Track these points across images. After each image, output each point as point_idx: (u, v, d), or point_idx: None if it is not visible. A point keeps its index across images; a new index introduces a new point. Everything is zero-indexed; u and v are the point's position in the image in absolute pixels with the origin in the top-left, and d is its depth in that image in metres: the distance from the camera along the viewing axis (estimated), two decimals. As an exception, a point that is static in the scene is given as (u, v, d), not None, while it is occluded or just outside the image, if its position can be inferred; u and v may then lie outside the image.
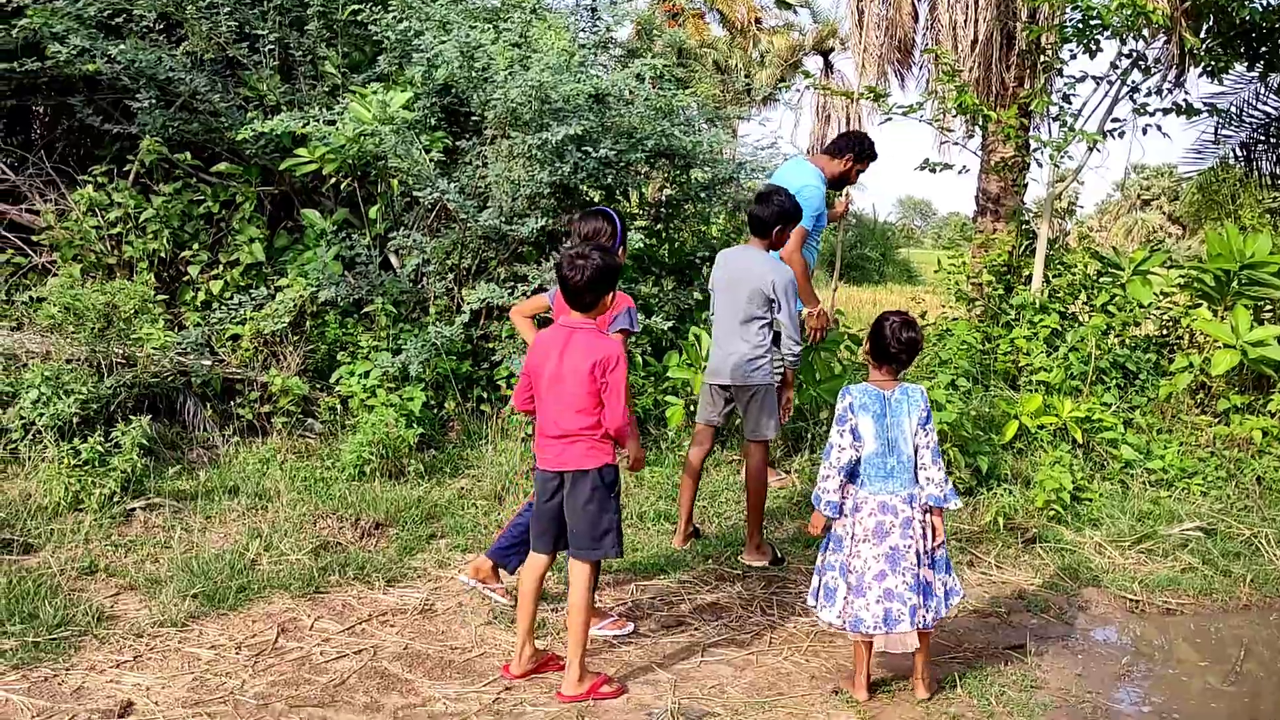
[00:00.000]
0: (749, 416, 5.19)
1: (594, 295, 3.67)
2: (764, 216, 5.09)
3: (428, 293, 7.11)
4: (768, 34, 35.67)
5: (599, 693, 3.75)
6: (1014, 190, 8.71)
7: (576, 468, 3.71)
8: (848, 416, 3.80)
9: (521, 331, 4.57)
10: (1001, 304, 8.21)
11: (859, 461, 3.80)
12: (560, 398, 3.69)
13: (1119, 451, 6.87)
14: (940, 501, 3.81)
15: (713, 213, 7.64)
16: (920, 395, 3.86)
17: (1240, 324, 7.51)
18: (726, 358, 5.12)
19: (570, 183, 6.41)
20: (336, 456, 5.99)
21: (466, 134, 7.22)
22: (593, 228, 4.27)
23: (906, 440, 3.79)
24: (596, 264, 3.62)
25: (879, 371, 3.87)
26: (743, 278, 5.08)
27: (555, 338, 3.74)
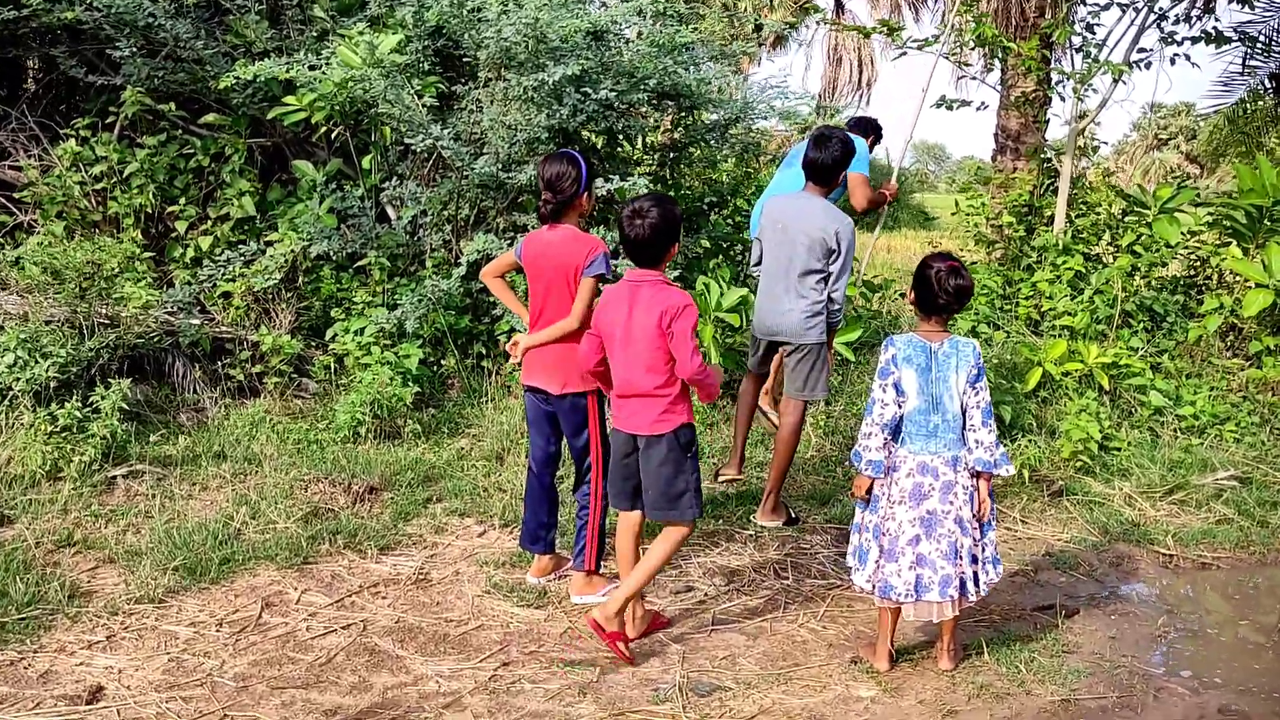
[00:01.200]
0: (796, 374, 4.91)
1: (658, 248, 3.59)
2: (826, 161, 4.76)
3: (424, 245, 6.83)
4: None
5: (617, 640, 3.62)
6: (1035, 126, 8.32)
7: (650, 432, 3.61)
8: (890, 369, 3.52)
9: (497, 294, 4.30)
10: (1023, 246, 7.87)
11: (901, 418, 3.53)
12: (632, 356, 3.59)
13: (1147, 398, 6.58)
14: (989, 467, 3.53)
15: (720, 156, 7.28)
16: (972, 350, 3.56)
17: (1273, 262, 7.17)
18: (780, 314, 4.83)
19: (570, 126, 6.08)
20: (330, 417, 5.75)
21: (461, 78, 6.89)
22: (554, 172, 3.95)
23: (953, 397, 3.50)
24: (656, 216, 3.53)
25: (926, 323, 3.58)
26: (801, 227, 4.75)
27: (622, 294, 3.62)
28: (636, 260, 3.64)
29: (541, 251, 4.02)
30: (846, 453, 5.81)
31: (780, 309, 4.81)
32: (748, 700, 3.42)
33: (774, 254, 4.85)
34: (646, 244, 3.56)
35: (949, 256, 3.59)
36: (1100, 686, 3.67)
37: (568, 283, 3.96)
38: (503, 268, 4.24)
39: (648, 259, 3.61)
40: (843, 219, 4.79)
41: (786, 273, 4.80)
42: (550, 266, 3.98)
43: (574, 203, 3.98)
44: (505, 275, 4.29)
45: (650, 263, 3.62)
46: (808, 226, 4.73)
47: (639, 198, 3.65)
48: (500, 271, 4.25)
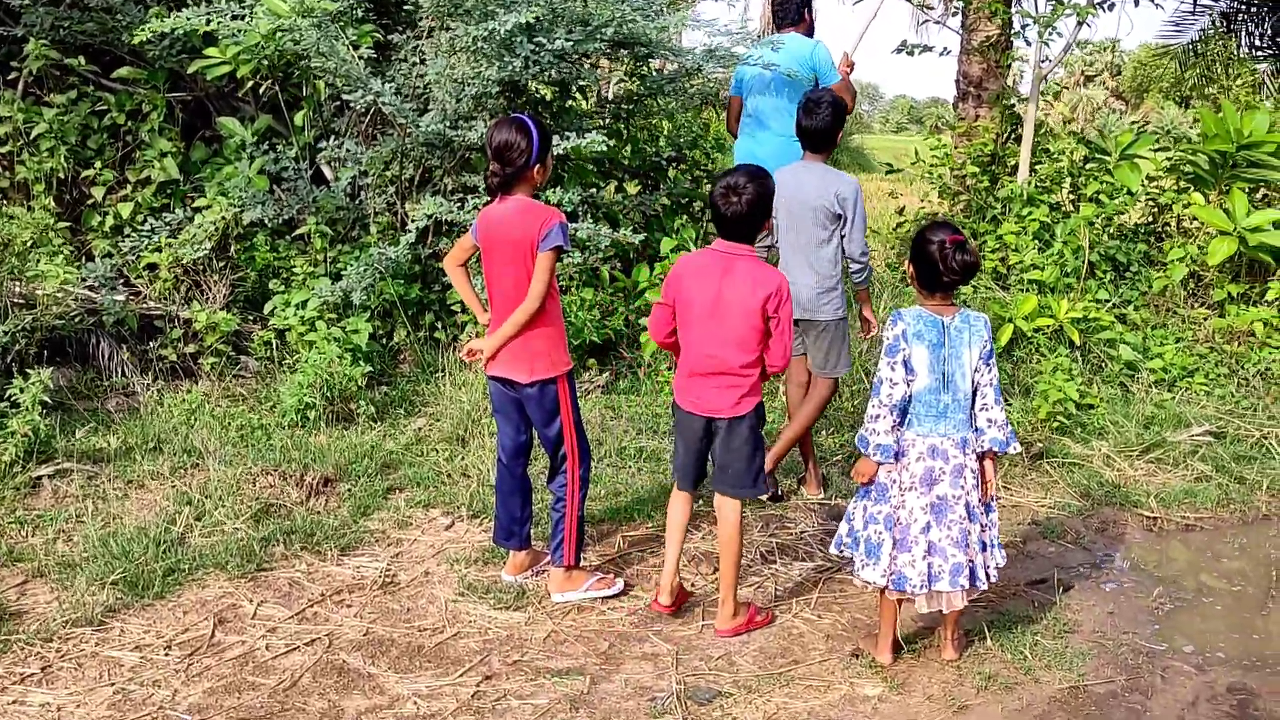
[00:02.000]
0: (816, 351, 4.71)
1: (752, 224, 3.48)
2: (822, 128, 4.51)
3: (367, 209, 6.40)
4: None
5: (755, 622, 3.67)
6: (997, 72, 8.10)
7: (732, 415, 3.53)
8: (900, 346, 3.27)
9: (458, 287, 3.95)
10: (987, 197, 7.68)
11: (909, 399, 3.29)
12: (719, 331, 3.46)
13: (1118, 352, 6.48)
14: (1003, 446, 3.33)
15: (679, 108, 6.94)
16: (984, 324, 3.33)
17: (1238, 209, 7.09)
18: (795, 288, 4.57)
19: (522, 79, 5.68)
20: (275, 400, 5.38)
21: (399, 26, 6.43)
22: (502, 141, 3.58)
23: (965, 376, 3.28)
24: (752, 193, 3.42)
25: (931, 299, 3.33)
26: (805, 198, 4.51)
27: (712, 264, 3.49)
28: (730, 235, 3.50)
29: (492, 227, 3.69)
30: (832, 428, 5.61)
31: (799, 284, 4.52)
32: (751, 706, 3.21)
33: (784, 229, 4.60)
34: (743, 220, 3.45)
35: (950, 227, 3.34)
36: (1107, 669, 3.54)
37: (524, 260, 3.63)
38: (464, 254, 3.89)
39: (742, 234, 3.49)
40: (845, 179, 4.58)
41: (797, 247, 4.58)
42: (504, 243, 3.65)
43: (524, 174, 3.64)
44: (467, 262, 3.93)
45: (745, 238, 3.50)
46: (811, 196, 4.50)
47: (731, 172, 3.53)
48: (462, 259, 3.89)
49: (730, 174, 3.50)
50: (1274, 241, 6.92)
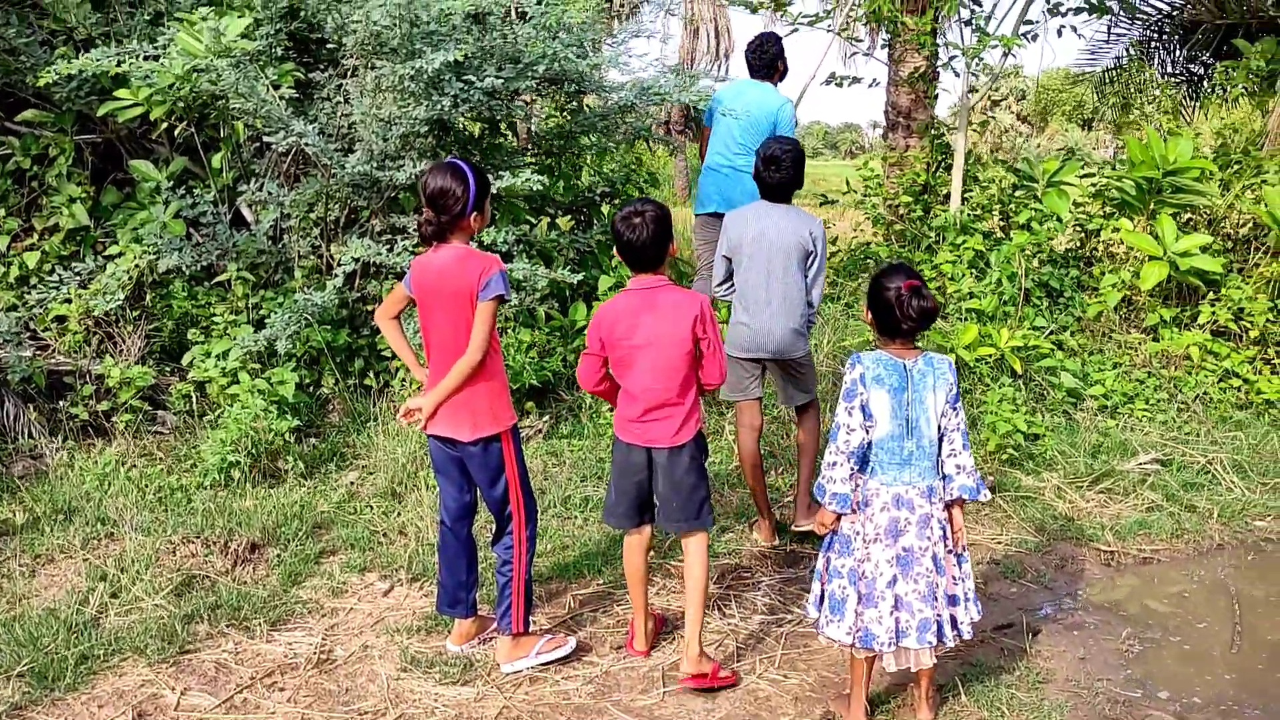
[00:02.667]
0: (791, 386, 4.65)
1: (658, 249, 3.47)
2: (786, 181, 4.44)
3: (291, 252, 6.13)
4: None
5: (718, 678, 3.53)
6: (925, 103, 8.12)
7: (674, 444, 3.50)
8: (857, 390, 3.13)
9: (392, 342, 3.71)
10: (922, 226, 7.67)
11: (869, 446, 3.15)
12: (658, 366, 3.46)
13: (1059, 380, 6.47)
14: (974, 493, 3.20)
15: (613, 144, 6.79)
16: (948, 367, 3.21)
17: (1166, 234, 7.16)
18: (771, 331, 4.47)
19: (450, 118, 5.48)
20: (196, 458, 5.06)
21: (320, 64, 6.19)
22: (437, 188, 3.41)
23: (930, 421, 3.14)
24: (652, 217, 3.44)
25: (891, 344, 3.20)
26: (781, 239, 4.41)
27: (634, 303, 3.49)
28: (638, 265, 3.50)
29: (429, 277, 3.48)
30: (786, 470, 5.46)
31: (769, 325, 4.45)
32: (720, 782, 3.02)
33: (756, 268, 4.45)
34: (649, 245, 3.44)
35: (905, 270, 3.22)
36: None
37: (463, 310, 3.44)
38: (397, 305, 3.67)
39: (650, 261, 3.48)
40: (815, 220, 4.52)
41: (768, 287, 4.44)
42: (441, 294, 3.46)
43: (461, 222, 3.46)
44: (400, 315, 3.71)
45: (653, 265, 3.50)
46: (785, 236, 4.40)
47: (627, 202, 3.60)
48: (395, 310, 3.67)
49: (627, 204, 3.53)
50: (1203, 265, 7.00)
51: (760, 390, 4.66)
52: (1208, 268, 7.01)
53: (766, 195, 4.47)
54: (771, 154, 4.38)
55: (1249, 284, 7.18)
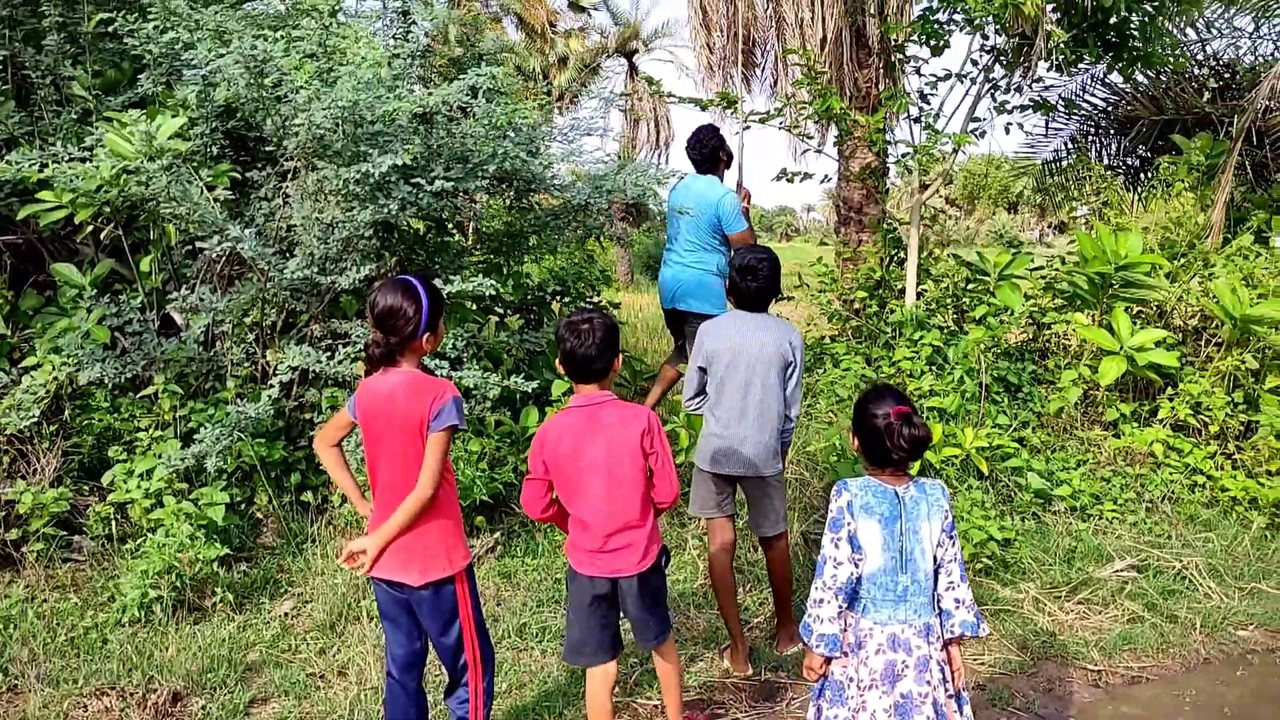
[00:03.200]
0: (763, 508, 4.36)
1: (605, 361, 3.32)
2: (764, 289, 4.24)
3: (223, 360, 5.77)
4: (563, 37, 34.99)
5: None
6: (876, 198, 8.08)
7: (639, 570, 3.33)
8: (843, 520, 2.88)
9: (332, 473, 3.39)
10: (878, 322, 7.55)
11: (859, 581, 2.89)
12: (618, 487, 3.28)
13: (1026, 480, 6.31)
14: (974, 629, 2.96)
15: (563, 241, 6.60)
16: (941, 493, 2.99)
17: (1122, 329, 7.13)
18: (745, 444, 4.22)
19: (397, 220, 5.23)
20: (115, 591, 4.62)
21: (258, 162, 5.93)
22: (387, 308, 3.15)
23: (925, 553, 2.90)
24: (600, 326, 3.31)
25: (880, 473, 2.98)
26: (763, 350, 4.20)
27: (578, 421, 3.30)
28: (582, 378, 3.34)
29: (377, 404, 3.20)
30: (755, 586, 5.17)
31: (744, 438, 4.21)
32: None
33: (736, 380, 4.21)
34: (594, 357, 3.29)
35: (893, 395, 3.01)
36: None
37: (413, 440, 3.15)
38: (339, 432, 3.36)
39: (594, 374, 3.33)
40: (794, 329, 4.34)
41: (745, 399, 4.20)
42: (389, 422, 3.17)
43: (412, 344, 3.19)
44: (342, 442, 3.40)
45: (598, 377, 3.33)
46: (766, 347, 4.19)
47: (574, 312, 3.44)
48: (337, 438, 3.37)
49: (574, 313, 3.40)
50: (1160, 360, 6.95)
51: (733, 507, 4.40)
52: (1164, 362, 6.96)
53: (743, 305, 4.26)
54: (748, 263, 4.19)
55: (1205, 377, 7.14)
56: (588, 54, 35.25)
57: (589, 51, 35.26)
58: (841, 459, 5.56)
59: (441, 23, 5.65)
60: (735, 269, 4.23)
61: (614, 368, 3.37)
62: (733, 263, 4.28)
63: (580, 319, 3.34)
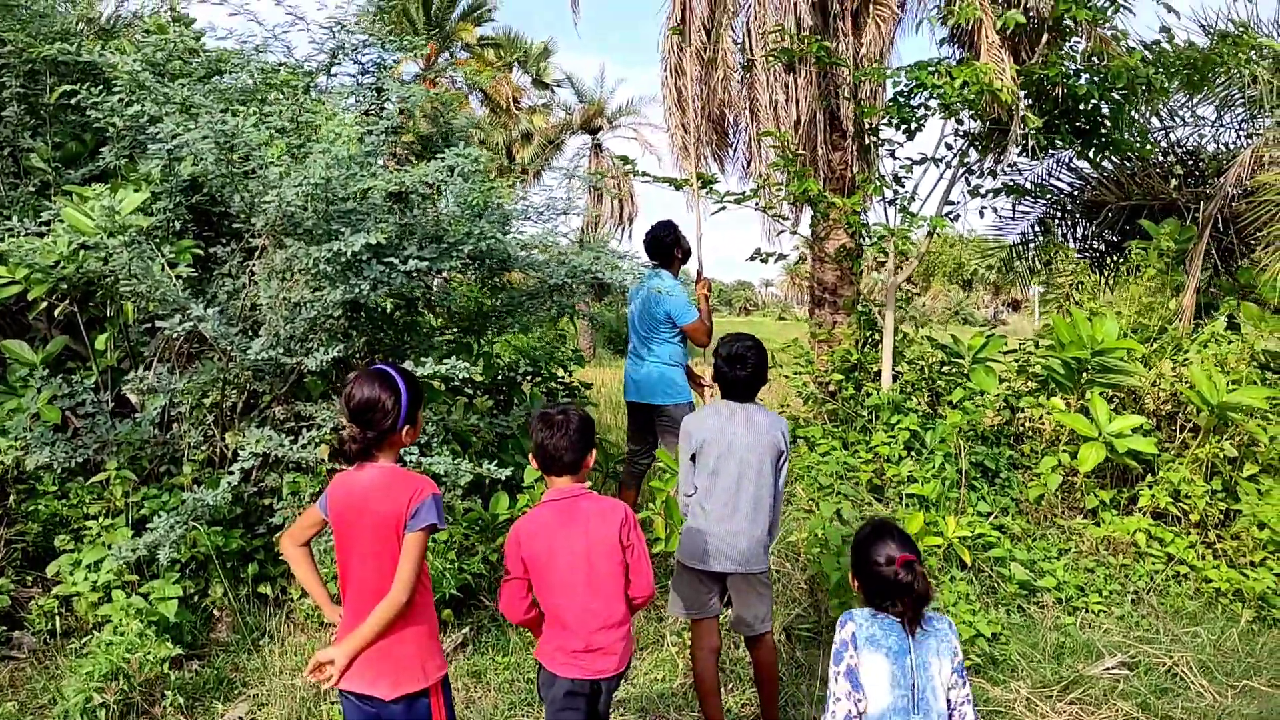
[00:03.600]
0: (751, 605, 4.14)
1: (578, 454, 3.24)
2: (751, 378, 4.11)
3: (180, 443, 5.52)
4: (527, 113, 35.39)
5: None
6: (851, 279, 8.04)
7: (619, 670, 3.23)
8: (845, 653, 2.70)
9: (299, 574, 3.18)
10: (856, 406, 7.44)
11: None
12: (594, 584, 3.17)
13: (1010, 571, 6.16)
14: None
15: (535, 322, 6.45)
16: (949, 628, 2.82)
17: (1100, 415, 7.06)
18: (737, 539, 4.04)
19: (368, 300, 5.05)
20: (56, 694, 4.30)
21: (222, 237, 5.76)
22: (364, 400, 2.98)
23: (938, 694, 2.72)
24: (575, 421, 3.24)
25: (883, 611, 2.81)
26: (757, 439, 4.05)
27: (556, 516, 3.21)
28: (555, 471, 3.25)
29: (350, 501, 3.00)
30: (738, 685, 4.93)
31: (735, 532, 4.03)
32: None
33: (722, 474, 4.04)
34: (567, 450, 3.21)
35: (896, 537, 2.86)
36: None
37: (388, 541, 2.95)
38: (309, 531, 3.15)
39: (568, 468, 3.24)
40: (781, 419, 4.20)
41: (738, 491, 4.03)
42: (363, 521, 2.97)
43: (390, 438, 3.01)
44: (311, 541, 3.18)
45: (571, 470, 3.24)
46: (757, 435, 4.04)
47: (551, 404, 3.46)
48: (306, 537, 3.16)
49: (551, 406, 3.34)
50: (1140, 447, 6.88)
51: (719, 607, 4.19)
52: (1143, 449, 6.89)
53: (730, 394, 4.11)
54: (735, 352, 4.06)
55: (1183, 464, 7.08)
56: (552, 130, 35.64)
57: (553, 128, 35.67)
58: (824, 551, 5.39)
59: (419, 101, 5.54)
60: (722, 358, 4.09)
61: (588, 462, 3.28)
62: (719, 351, 4.15)
63: (554, 411, 3.26)
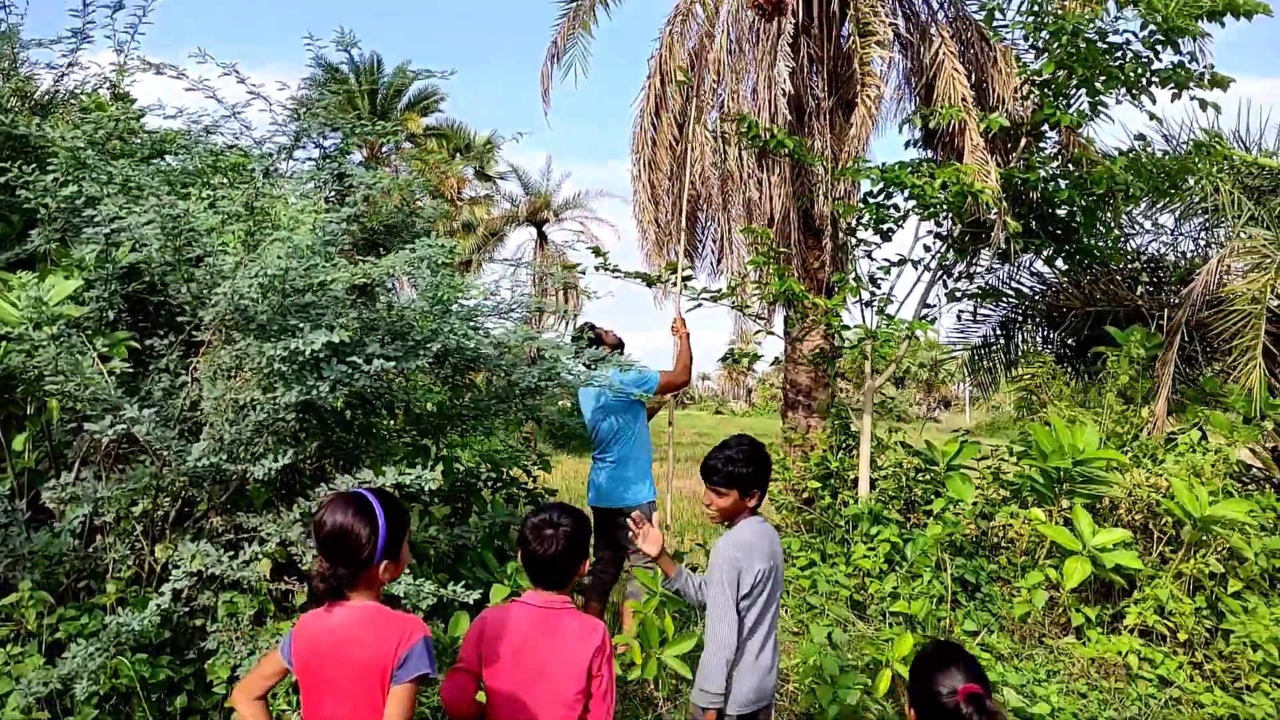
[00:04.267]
0: None
1: (568, 568, 3.07)
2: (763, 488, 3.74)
3: (104, 558, 4.93)
4: (469, 204, 35.39)
5: None
6: (825, 382, 7.78)
7: None
8: None
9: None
10: (833, 515, 7.10)
11: None
12: (553, 704, 2.92)
13: (1003, 697, 5.78)
14: None
15: (502, 426, 6.02)
16: None
17: (1084, 528, 6.82)
18: (774, 671, 3.67)
19: (327, 403, 4.60)
20: None
21: (160, 329, 5.27)
22: (335, 528, 2.61)
23: None
24: (567, 531, 3.06)
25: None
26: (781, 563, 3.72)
27: (531, 621, 3.01)
28: (540, 581, 3.09)
29: (320, 648, 2.55)
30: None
31: (776, 663, 3.65)
32: None
33: (771, 604, 3.62)
34: (558, 559, 3.04)
35: (964, 665, 2.50)
36: None
37: (370, 694, 2.50)
38: (267, 682, 2.68)
39: (555, 581, 3.07)
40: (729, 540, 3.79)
41: (775, 619, 3.66)
42: (338, 670, 2.52)
43: (365, 574, 2.59)
44: (267, 695, 2.70)
45: (556, 584, 3.08)
46: (781, 560, 3.68)
47: (546, 507, 3.17)
48: (262, 689, 2.68)
49: (545, 509, 3.16)
50: (1126, 562, 6.63)
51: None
52: (1128, 564, 6.65)
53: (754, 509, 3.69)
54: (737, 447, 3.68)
55: (1166, 579, 6.84)
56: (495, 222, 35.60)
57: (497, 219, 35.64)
58: (819, 682, 4.95)
59: (386, 187, 5.18)
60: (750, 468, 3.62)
61: (578, 572, 3.12)
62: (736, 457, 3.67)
63: (545, 521, 3.08)
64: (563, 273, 7.08)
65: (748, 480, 3.60)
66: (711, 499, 3.63)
